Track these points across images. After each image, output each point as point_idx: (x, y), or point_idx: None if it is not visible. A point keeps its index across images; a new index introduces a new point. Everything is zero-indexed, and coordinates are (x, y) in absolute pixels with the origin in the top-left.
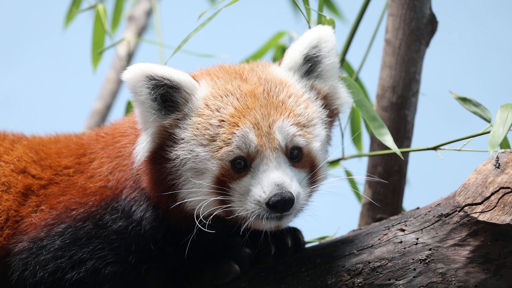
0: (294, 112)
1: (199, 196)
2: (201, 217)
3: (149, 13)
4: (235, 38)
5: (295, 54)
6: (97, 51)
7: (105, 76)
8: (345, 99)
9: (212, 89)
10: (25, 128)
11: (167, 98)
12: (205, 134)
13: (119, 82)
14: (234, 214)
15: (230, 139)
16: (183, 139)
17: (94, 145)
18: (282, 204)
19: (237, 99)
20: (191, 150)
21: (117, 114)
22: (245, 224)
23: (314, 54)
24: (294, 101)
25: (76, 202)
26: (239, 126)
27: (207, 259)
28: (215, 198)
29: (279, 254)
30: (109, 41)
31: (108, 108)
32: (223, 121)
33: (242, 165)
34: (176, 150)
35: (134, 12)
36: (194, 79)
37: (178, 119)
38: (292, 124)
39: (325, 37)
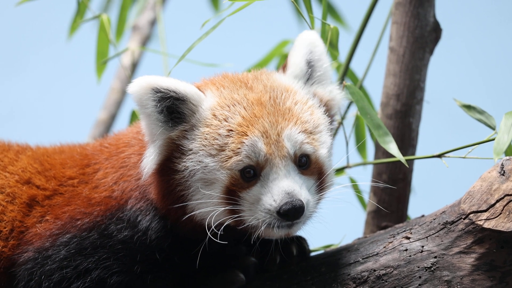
0: (301, 119)
1: (209, 207)
2: (212, 227)
3: (153, 22)
4: (239, 47)
5: (299, 60)
6: (102, 61)
7: (109, 86)
8: (341, 102)
9: (218, 99)
10: (29, 138)
11: (174, 109)
12: (213, 144)
13: (124, 92)
14: (245, 224)
15: (239, 148)
16: (191, 150)
17: (98, 155)
18: (293, 212)
19: (244, 108)
20: (199, 161)
21: (121, 124)
22: (256, 233)
23: (311, 59)
24: (300, 108)
25: (81, 212)
26: (247, 135)
27: (213, 268)
28: (224, 208)
29: (284, 263)
30: (113, 50)
31: (112, 118)
32: (231, 130)
33: (251, 174)
34: (184, 162)
35: (138, 21)
36: (199, 89)
37: (186, 131)
38: (299, 132)
39: (316, 42)
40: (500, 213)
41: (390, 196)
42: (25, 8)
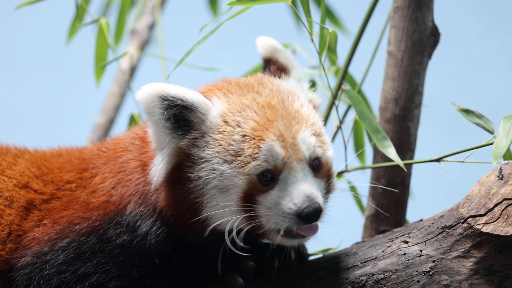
0: (309, 121)
1: (226, 213)
2: (234, 232)
3: (151, 27)
4: (237, 51)
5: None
6: (100, 65)
7: (108, 90)
8: (319, 102)
9: (227, 105)
10: (28, 142)
11: (181, 117)
12: (228, 150)
13: (122, 96)
14: (262, 228)
15: (256, 153)
16: (203, 158)
17: (96, 160)
18: (314, 215)
19: (256, 112)
20: (214, 169)
21: (120, 128)
22: (272, 240)
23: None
24: (306, 110)
25: (79, 216)
26: (264, 140)
27: (212, 273)
28: (243, 213)
29: (282, 267)
30: (112, 55)
31: (111, 122)
32: (246, 135)
33: (269, 178)
34: (197, 171)
35: (137, 26)
36: (205, 96)
37: (196, 139)
38: (311, 134)
39: (281, 47)
40: (499, 217)
41: (389, 200)
42: (24, 11)
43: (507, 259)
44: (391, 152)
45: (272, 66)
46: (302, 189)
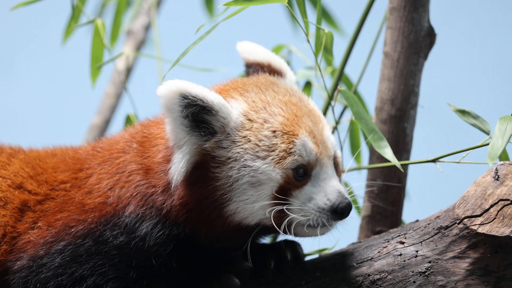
0: (325, 120)
1: (256, 207)
2: (261, 224)
3: (147, 27)
4: (233, 52)
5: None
6: (96, 65)
7: (104, 90)
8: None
9: (247, 104)
10: (23, 143)
11: (199, 117)
12: (260, 146)
13: (118, 97)
14: (290, 223)
15: (291, 148)
16: (230, 158)
17: (91, 160)
18: (348, 210)
19: (281, 108)
20: (245, 166)
21: (116, 129)
22: (294, 231)
23: None
24: (318, 110)
25: (74, 219)
26: (297, 135)
27: (208, 273)
28: (274, 207)
29: (278, 268)
30: (108, 55)
31: (107, 123)
32: (276, 131)
33: (302, 173)
34: (225, 171)
35: (133, 26)
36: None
37: (220, 141)
38: (331, 133)
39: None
40: (495, 218)
41: (385, 201)
42: (19, 12)
43: (503, 260)
44: (387, 152)
45: (261, 69)
46: (334, 185)
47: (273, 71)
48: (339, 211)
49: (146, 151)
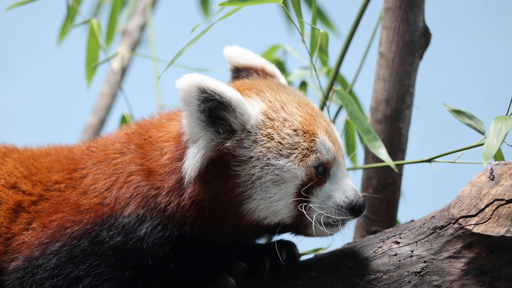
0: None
1: (279, 204)
2: (281, 223)
3: (142, 27)
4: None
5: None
6: (91, 65)
7: (99, 90)
8: None
9: (265, 103)
10: (19, 142)
11: (216, 114)
12: (284, 144)
13: (113, 97)
14: (311, 221)
15: (312, 146)
16: (252, 157)
17: (86, 160)
18: (364, 207)
19: (297, 108)
20: (268, 164)
21: (111, 129)
22: (307, 231)
23: None
24: None
25: (70, 220)
26: (316, 134)
27: (204, 273)
28: (296, 204)
29: (274, 268)
30: (103, 55)
31: (102, 123)
32: (297, 130)
33: (322, 171)
34: (247, 169)
35: (128, 26)
36: None
37: (241, 140)
38: None
39: None
40: (490, 218)
41: (380, 201)
42: (15, 12)
43: (498, 260)
44: (382, 152)
45: (255, 73)
46: (350, 183)
47: (266, 75)
48: (357, 209)
49: (147, 154)
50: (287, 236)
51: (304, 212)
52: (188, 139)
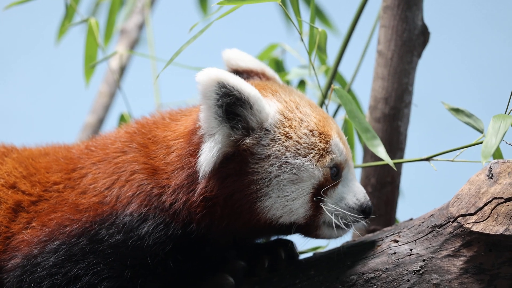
0: None
1: (295, 203)
2: (295, 223)
3: (141, 26)
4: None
5: None
6: (90, 64)
7: (97, 89)
8: None
9: (282, 103)
10: (17, 142)
11: (234, 110)
12: (302, 144)
13: (112, 96)
14: (324, 222)
15: (328, 147)
16: (271, 155)
17: (84, 159)
18: (372, 209)
19: (310, 110)
20: (286, 163)
21: (109, 128)
22: (320, 233)
23: None
24: None
25: (69, 218)
26: (330, 135)
27: (203, 272)
28: (311, 203)
29: (273, 267)
30: (101, 54)
31: (100, 122)
32: (313, 130)
33: (335, 173)
34: (265, 167)
35: (126, 25)
36: None
37: (260, 138)
38: None
39: None
40: (488, 216)
41: (379, 200)
42: (13, 11)
43: (497, 258)
44: (380, 151)
45: (256, 76)
46: (359, 186)
47: (267, 79)
48: (367, 211)
49: (151, 153)
50: (286, 235)
51: (324, 208)
52: (204, 133)
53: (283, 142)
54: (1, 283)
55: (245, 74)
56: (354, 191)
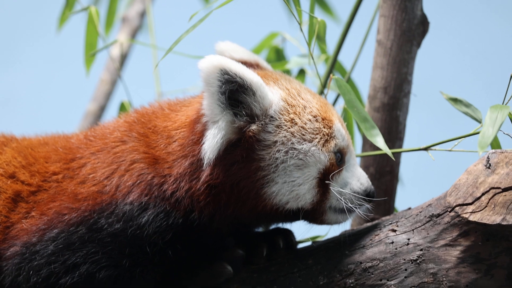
0: None
1: (301, 189)
2: (302, 208)
3: (143, 14)
4: (228, 39)
5: None
6: (90, 53)
7: (98, 77)
8: None
9: (283, 90)
10: (18, 130)
11: (237, 97)
12: (306, 129)
13: (113, 83)
14: (330, 207)
15: (331, 132)
16: (277, 142)
17: (83, 149)
18: (375, 193)
19: (311, 96)
20: (292, 148)
21: (111, 116)
22: (323, 218)
23: None
24: None
25: (67, 207)
26: (332, 121)
27: (201, 260)
28: (318, 188)
29: (271, 255)
30: (102, 43)
31: (102, 110)
32: (316, 116)
33: (339, 158)
34: (271, 153)
35: (128, 13)
36: None
37: (266, 124)
38: None
39: None
40: (486, 206)
41: (378, 189)
42: (14, 0)
43: (494, 248)
44: (379, 141)
45: (251, 67)
46: (361, 170)
47: (261, 70)
48: (371, 195)
49: (152, 142)
50: (284, 224)
51: (333, 191)
52: (207, 121)
53: (289, 128)
54: (0, 271)
55: None
56: (358, 176)
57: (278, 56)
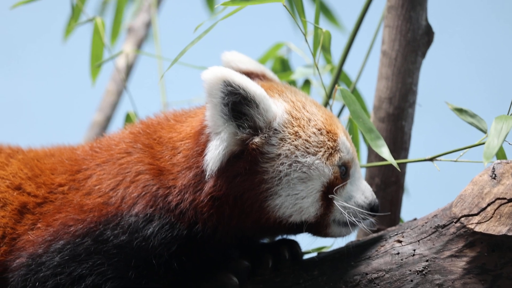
0: None
1: (305, 202)
2: (306, 221)
3: (148, 24)
4: (233, 50)
5: None
6: (96, 64)
7: (104, 87)
8: None
9: (287, 103)
10: (24, 141)
11: (240, 109)
12: (311, 142)
13: (119, 94)
14: (334, 220)
15: (336, 146)
16: (281, 154)
17: (89, 161)
18: (379, 207)
19: (316, 109)
20: (296, 161)
21: (117, 126)
22: (326, 231)
23: None
24: None
25: (73, 218)
26: (337, 134)
27: (206, 272)
28: (322, 202)
29: (276, 266)
30: (107, 53)
31: (107, 120)
32: (320, 129)
33: (343, 171)
34: (275, 166)
35: (133, 23)
36: None
37: (269, 137)
38: None
39: None
40: (491, 217)
41: (383, 199)
42: (20, 11)
43: (499, 259)
44: (384, 151)
45: (256, 78)
46: (366, 184)
47: (267, 81)
48: (375, 208)
49: (156, 154)
50: (295, 235)
51: (337, 205)
52: (210, 132)
53: (293, 141)
54: (6, 282)
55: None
56: (362, 189)
57: (283, 67)
